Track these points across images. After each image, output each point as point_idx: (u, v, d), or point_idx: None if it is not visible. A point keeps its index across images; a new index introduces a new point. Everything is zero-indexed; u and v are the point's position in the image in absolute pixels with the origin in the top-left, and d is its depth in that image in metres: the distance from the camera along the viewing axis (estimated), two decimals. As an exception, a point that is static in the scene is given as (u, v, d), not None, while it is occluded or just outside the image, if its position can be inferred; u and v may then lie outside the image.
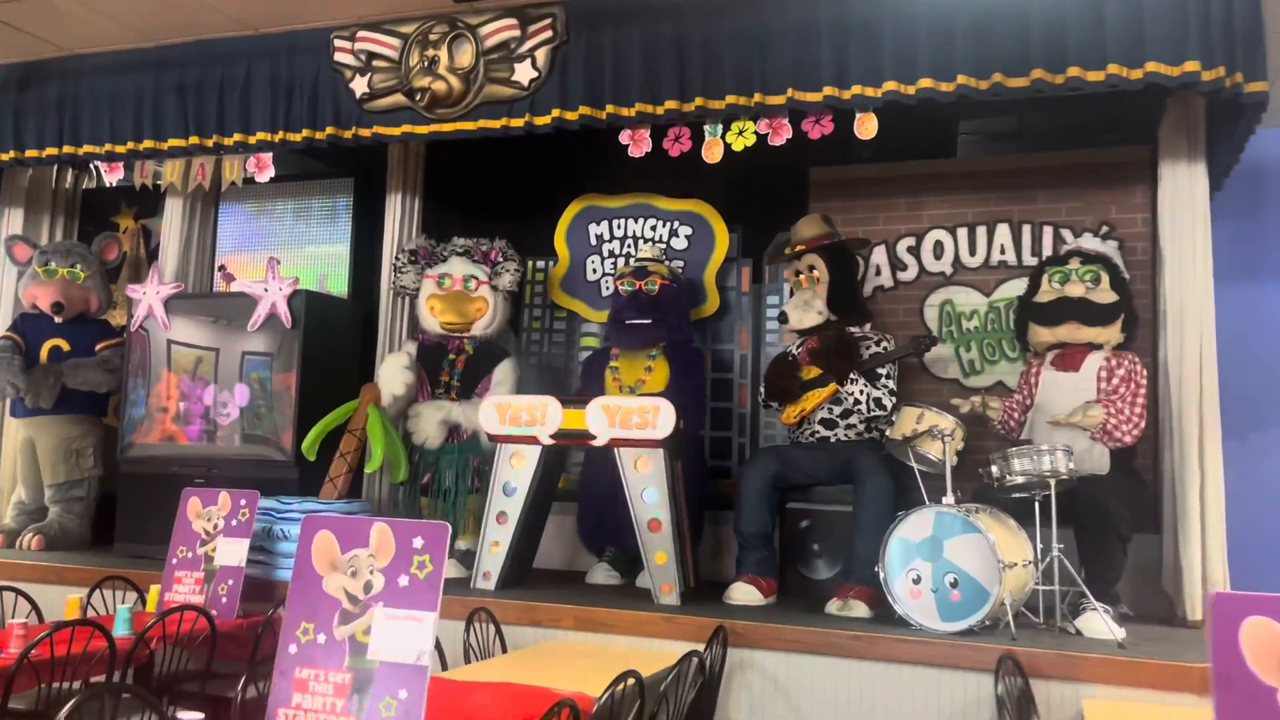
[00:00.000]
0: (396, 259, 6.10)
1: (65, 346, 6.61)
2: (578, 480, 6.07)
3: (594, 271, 6.54)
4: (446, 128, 5.22)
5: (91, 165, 7.47)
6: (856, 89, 4.39)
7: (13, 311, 6.99)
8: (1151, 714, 3.63)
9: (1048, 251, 5.74)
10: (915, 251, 6.02)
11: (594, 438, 5.01)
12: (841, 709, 4.23)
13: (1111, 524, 4.55)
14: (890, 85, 4.36)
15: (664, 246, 6.36)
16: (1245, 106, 4.26)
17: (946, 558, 4.37)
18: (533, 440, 5.14)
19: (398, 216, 6.33)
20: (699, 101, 4.68)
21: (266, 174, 5.70)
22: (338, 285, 6.60)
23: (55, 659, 3.73)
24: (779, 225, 6.40)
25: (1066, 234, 5.73)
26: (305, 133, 5.42)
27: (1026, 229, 5.83)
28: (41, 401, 6.46)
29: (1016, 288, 5.78)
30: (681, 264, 6.29)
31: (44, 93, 6.00)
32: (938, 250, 6.00)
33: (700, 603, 4.95)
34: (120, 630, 4.37)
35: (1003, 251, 5.88)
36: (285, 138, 5.45)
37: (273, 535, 5.29)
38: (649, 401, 4.96)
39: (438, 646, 4.02)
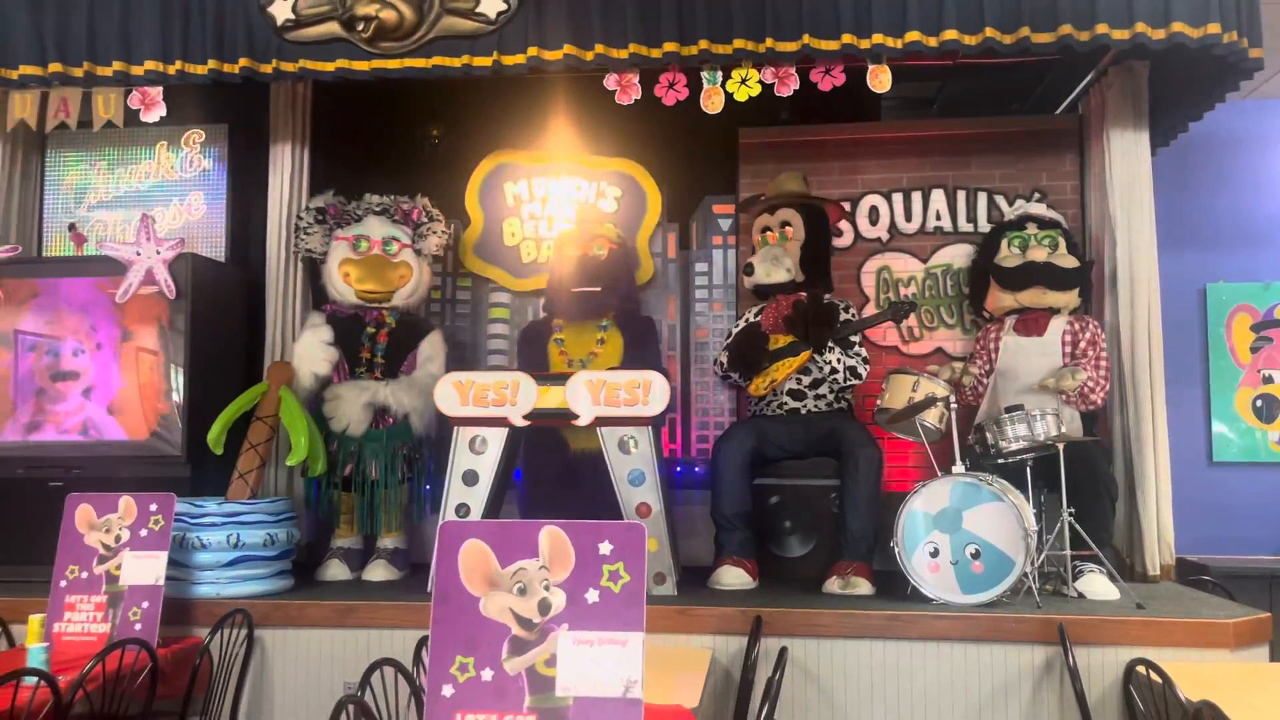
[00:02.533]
0: (300, 218, 5.28)
1: None
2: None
3: (513, 235, 5.97)
4: (392, 64, 4.51)
5: None
6: (878, 38, 4.14)
7: None
8: (1203, 671, 3.67)
9: (983, 217, 5.79)
10: (850, 217, 5.90)
11: (576, 417, 4.53)
12: (879, 693, 4.05)
13: (1103, 484, 4.63)
14: (913, 35, 4.15)
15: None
16: (1229, 72, 4.39)
17: (966, 529, 4.27)
18: (502, 422, 4.58)
19: (286, 171, 5.47)
20: (702, 44, 4.27)
21: (155, 112, 4.69)
22: (207, 249, 5.63)
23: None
24: (706, 189, 6.15)
25: (1000, 200, 5.80)
26: (211, 64, 4.49)
27: (962, 195, 5.85)
28: None
29: (953, 254, 5.82)
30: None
31: None
32: (873, 216, 5.92)
33: (685, 592, 4.60)
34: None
35: (939, 217, 5.87)
36: (184, 69, 4.50)
37: (187, 545, 4.42)
38: (638, 375, 4.53)
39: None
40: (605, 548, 2.24)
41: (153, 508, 4.22)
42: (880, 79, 4.31)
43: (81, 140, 5.77)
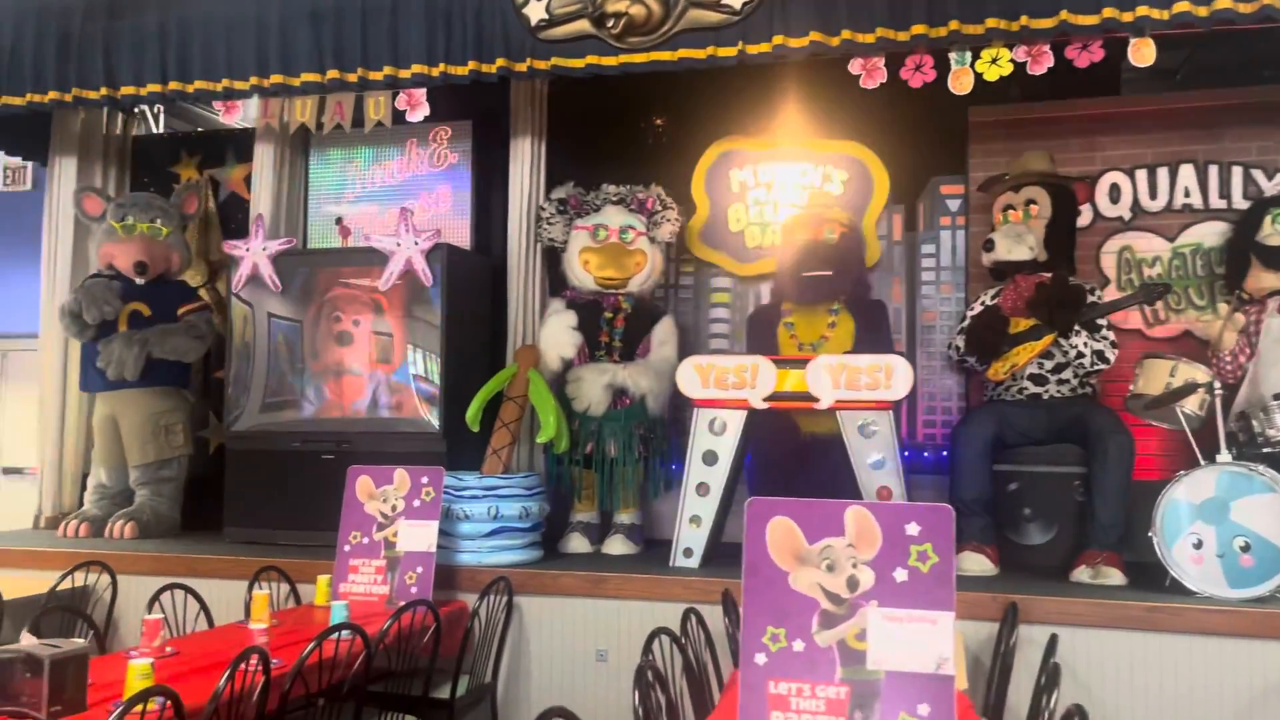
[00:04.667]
0: (542, 209, 5.55)
1: (145, 311, 5.89)
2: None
3: (737, 221, 6.06)
4: (639, 58, 4.68)
5: (143, 110, 6.77)
6: (1143, 10, 3.99)
7: (71, 274, 6.22)
8: None
9: (1238, 193, 5.47)
10: (1089, 196, 5.69)
11: (816, 400, 4.59)
12: (1140, 687, 3.94)
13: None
14: (1182, 6, 3.97)
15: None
16: None
17: (1235, 520, 4.08)
18: (741, 404, 4.70)
19: (526, 163, 5.74)
20: (953, 25, 4.23)
21: (420, 112, 5.05)
22: (454, 239, 5.98)
23: (313, 667, 3.21)
24: (933, 169, 6.05)
25: (1258, 175, 5.46)
26: (471, 65, 4.79)
27: (1214, 170, 5.55)
28: (126, 373, 5.74)
29: (1204, 232, 5.53)
30: (837, 212, 5.85)
31: (142, 21, 5.23)
32: (1114, 194, 5.69)
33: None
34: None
35: (1187, 194, 5.58)
36: (447, 70, 4.82)
37: (451, 516, 4.75)
38: (880, 360, 4.56)
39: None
40: (913, 528, 2.30)
41: (424, 480, 4.57)
42: (1142, 53, 4.15)
43: (340, 141, 6.23)
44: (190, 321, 5.97)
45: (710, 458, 4.77)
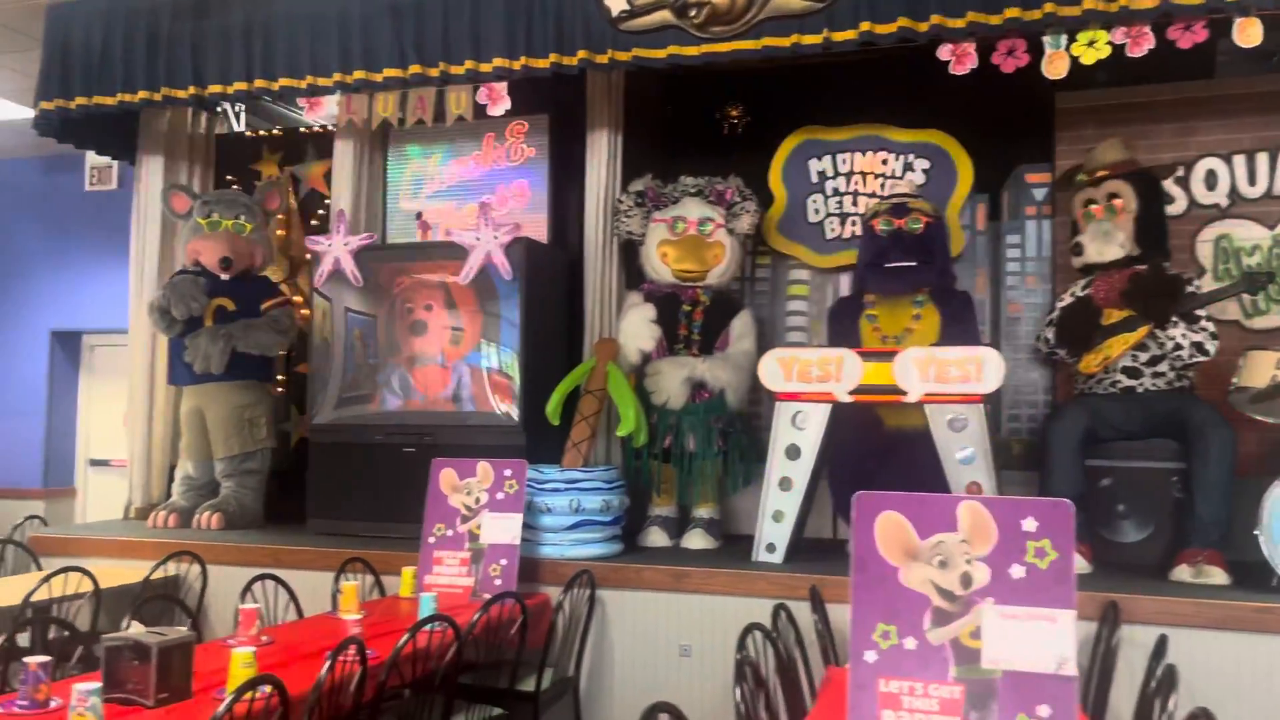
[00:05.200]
0: (620, 202, 5.52)
1: (230, 306, 5.98)
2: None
3: (816, 212, 5.98)
4: (721, 48, 4.62)
5: (226, 107, 6.88)
6: (1254, -14, 3.84)
7: (159, 271, 6.35)
8: None
9: (1342, 180, 5.25)
10: (1184, 182, 5.50)
11: (904, 393, 4.51)
12: (1248, 691, 3.80)
13: None
14: (1298, -20, 3.81)
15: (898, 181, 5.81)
16: None
17: (1347, 518, 3.92)
18: (826, 398, 4.63)
19: (603, 156, 5.72)
20: (1048, 8, 4.11)
21: (501, 106, 5.06)
22: (531, 233, 5.98)
23: (406, 658, 3.22)
24: (1018, 157, 5.90)
25: (1364, 160, 5.24)
26: (553, 58, 4.79)
27: (1317, 155, 5.33)
28: (211, 367, 5.85)
29: (1307, 220, 5.32)
30: (919, 202, 5.74)
31: (227, 21, 5.32)
32: (1210, 180, 5.49)
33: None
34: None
35: (1289, 181, 5.37)
36: (528, 64, 4.82)
37: (533, 509, 4.76)
38: (971, 352, 4.46)
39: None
40: (1029, 524, 2.23)
41: (507, 473, 4.58)
42: (1249, 33, 3.99)
43: (417, 137, 6.28)
44: (273, 316, 6.05)
45: (793, 452, 4.71)
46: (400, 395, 5.66)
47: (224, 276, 5.95)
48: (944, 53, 4.44)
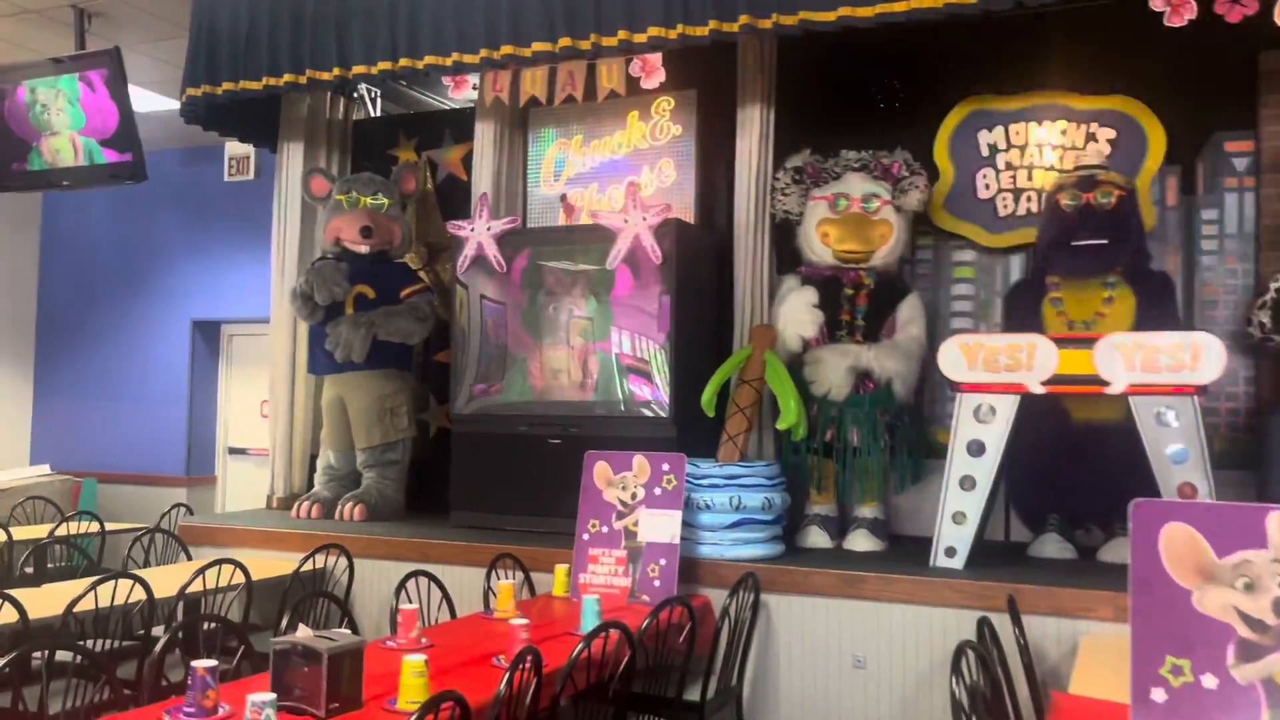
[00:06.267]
0: (776, 179, 5.19)
1: (370, 294, 5.88)
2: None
3: (986, 188, 5.53)
4: (898, 7, 4.27)
5: (363, 92, 6.79)
6: None
7: (300, 257, 6.29)
8: None
9: None
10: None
11: (1105, 384, 4.06)
12: None
13: None
14: None
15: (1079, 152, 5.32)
16: None
17: None
18: (1015, 389, 4.22)
19: (754, 132, 5.39)
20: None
21: (655, 79, 4.79)
22: (679, 215, 5.70)
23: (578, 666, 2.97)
24: (1215, 124, 5.34)
25: None
26: (712, 25, 4.49)
27: None
28: (353, 355, 5.74)
29: None
30: (1103, 174, 5.24)
31: (371, 1, 5.17)
32: None
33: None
34: (591, 623, 3.61)
35: None
36: (685, 32, 4.53)
37: (691, 505, 4.48)
38: (1184, 338, 4.00)
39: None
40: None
41: (665, 467, 4.31)
42: None
43: (557, 117, 6.06)
44: (413, 303, 5.93)
45: (976, 448, 4.31)
46: (544, 385, 5.45)
47: (364, 249, 5.83)
48: (1157, 2, 3.96)
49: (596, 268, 5.28)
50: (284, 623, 3.71)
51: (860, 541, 4.91)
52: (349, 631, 2.90)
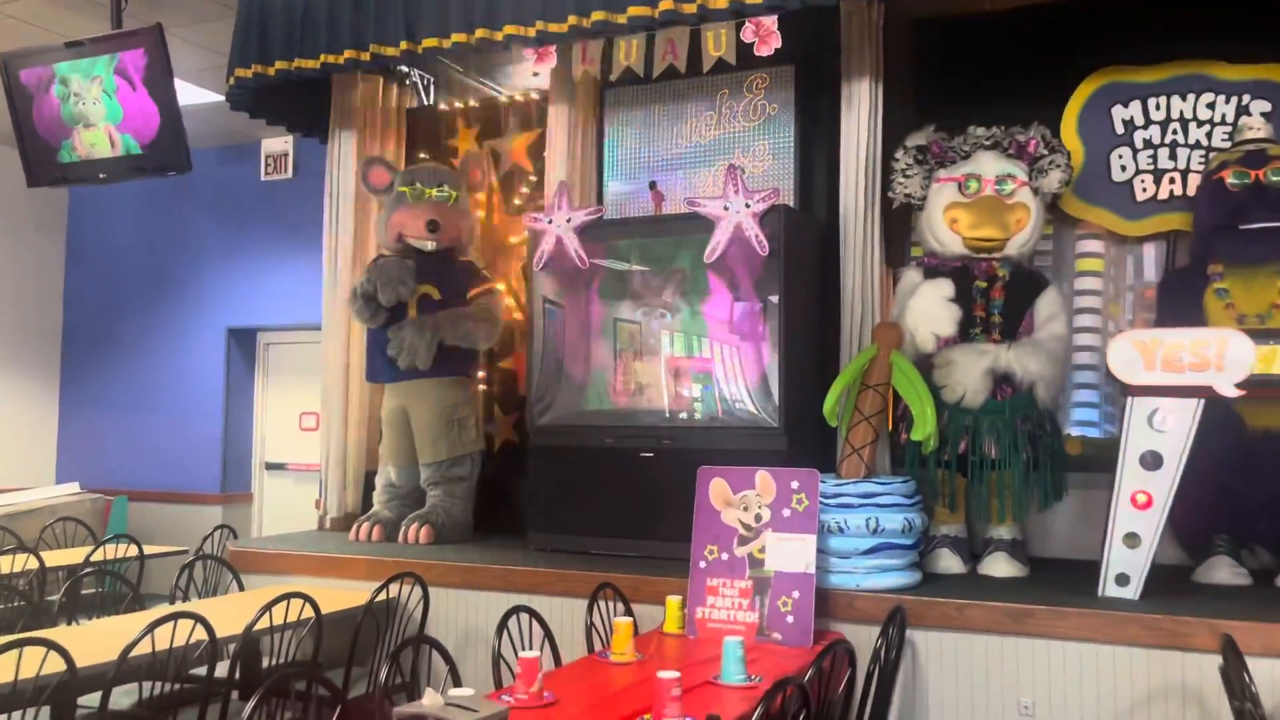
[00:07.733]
0: (896, 159, 4.64)
1: (436, 294, 5.35)
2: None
3: (1123, 169, 4.97)
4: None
5: (417, 80, 6.28)
6: None
7: (353, 257, 5.77)
8: None
9: None
10: None
11: (1312, 385, 3.50)
12: None
13: None
14: None
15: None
16: None
17: None
18: (1202, 391, 3.65)
19: (862, 109, 4.85)
20: None
21: (771, 45, 4.25)
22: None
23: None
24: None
25: None
26: (835, -21, 3.95)
27: None
28: (418, 362, 5.22)
29: None
30: (1261, 152, 4.67)
31: (444, -36, 4.66)
32: None
33: None
34: (735, 675, 3.07)
35: None
36: (804, -10, 3.99)
37: (821, 528, 3.91)
38: None
39: None
40: None
41: (794, 485, 3.74)
42: None
43: (637, 99, 5.52)
44: (482, 305, 5.41)
45: (1151, 460, 3.74)
46: (629, 390, 4.91)
47: (430, 245, 5.31)
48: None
49: (690, 262, 4.74)
50: (383, 672, 3.17)
51: (999, 566, 4.35)
52: (471, 691, 2.35)
